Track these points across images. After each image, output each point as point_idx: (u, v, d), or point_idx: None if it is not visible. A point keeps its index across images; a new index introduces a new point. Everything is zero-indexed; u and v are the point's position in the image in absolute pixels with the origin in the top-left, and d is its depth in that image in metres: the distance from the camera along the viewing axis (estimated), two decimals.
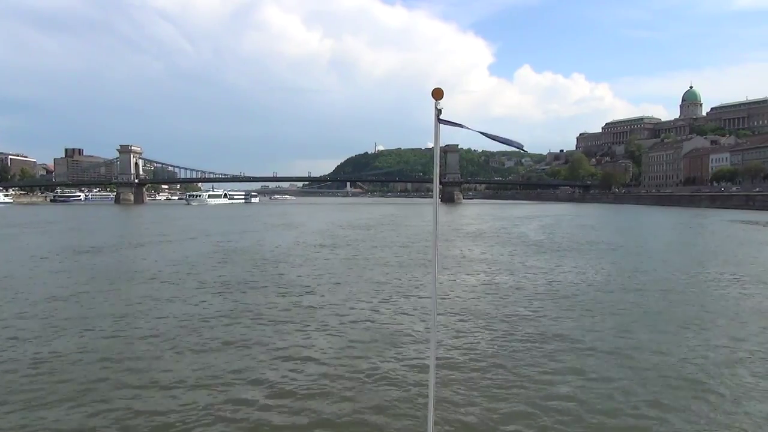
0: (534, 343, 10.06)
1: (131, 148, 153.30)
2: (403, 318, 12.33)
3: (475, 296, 14.82)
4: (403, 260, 22.91)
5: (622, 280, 17.57)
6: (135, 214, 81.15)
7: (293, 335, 10.77)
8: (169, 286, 16.36)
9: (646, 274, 18.80)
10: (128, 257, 24.25)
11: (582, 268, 20.26)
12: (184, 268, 20.30)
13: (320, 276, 18.48)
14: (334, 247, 29.06)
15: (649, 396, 7.48)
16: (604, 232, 40.74)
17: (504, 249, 27.64)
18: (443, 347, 9.64)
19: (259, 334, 10.74)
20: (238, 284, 16.58)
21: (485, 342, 10.28)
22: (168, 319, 11.91)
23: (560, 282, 17.17)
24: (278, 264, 21.67)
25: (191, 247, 28.69)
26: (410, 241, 32.52)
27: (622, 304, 13.69)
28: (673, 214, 70.97)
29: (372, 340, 10.37)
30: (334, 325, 11.62)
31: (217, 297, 14.56)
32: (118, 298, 14.48)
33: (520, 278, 17.89)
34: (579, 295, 14.92)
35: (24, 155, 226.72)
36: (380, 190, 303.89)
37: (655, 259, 23.43)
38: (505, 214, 74.02)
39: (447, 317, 12.09)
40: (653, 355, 9.37)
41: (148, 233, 40.05)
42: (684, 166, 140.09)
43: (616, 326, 11.42)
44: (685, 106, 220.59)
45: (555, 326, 11.36)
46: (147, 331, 10.85)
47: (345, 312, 12.82)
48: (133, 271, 19.69)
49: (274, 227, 47.27)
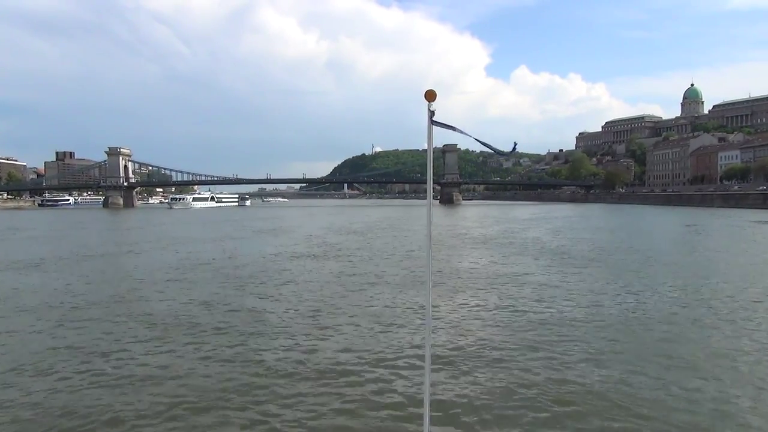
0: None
1: (120, 150, 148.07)
2: (398, 383, 7.94)
3: (504, 332, 10.43)
4: (400, 277, 18.54)
5: (701, 311, 13.21)
6: (118, 219, 76.49)
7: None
8: (80, 320, 11.92)
9: (720, 300, 14.44)
10: (60, 276, 19.64)
11: (634, 288, 15.87)
12: (122, 290, 15.90)
13: (295, 303, 14.09)
14: (321, 257, 24.68)
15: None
16: (627, 236, 36.45)
17: (522, 260, 23.27)
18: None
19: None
20: (177, 319, 12.17)
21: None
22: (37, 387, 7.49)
23: (630, 315, 12.81)
24: (247, 284, 17.27)
25: (152, 260, 24.27)
26: (409, 249, 28.11)
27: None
28: (688, 214, 66.69)
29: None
30: (300, 392, 7.27)
31: (135, 345, 10.14)
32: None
33: (562, 306, 13.51)
34: (678, 340, 10.55)
35: (13, 159, 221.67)
36: (378, 192, 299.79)
37: (713, 274, 19.10)
38: (508, 216, 69.76)
39: (469, 380, 7.70)
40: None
41: (115, 242, 35.56)
42: (691, 164, 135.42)
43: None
44: (686, 104, 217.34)
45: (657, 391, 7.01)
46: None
47: (317, 371, 8.43)
48: (49, 296, 15.20)
49: (261, 233, 42.87)
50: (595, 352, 9.56)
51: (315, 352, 9.67)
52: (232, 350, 9.77)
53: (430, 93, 3.31)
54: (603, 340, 10.29)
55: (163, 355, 9.52)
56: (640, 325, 11.51)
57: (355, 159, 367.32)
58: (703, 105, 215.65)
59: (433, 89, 3.30)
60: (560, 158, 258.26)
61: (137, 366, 8.84)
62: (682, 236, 37.24)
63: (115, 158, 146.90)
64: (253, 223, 58.85)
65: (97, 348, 9.93)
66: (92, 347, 9.97)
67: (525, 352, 9.45)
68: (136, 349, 9.85)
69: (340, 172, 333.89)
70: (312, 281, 17.84)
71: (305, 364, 8.90)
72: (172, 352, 9.71)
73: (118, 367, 8.80)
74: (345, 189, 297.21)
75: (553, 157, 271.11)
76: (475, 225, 51.10)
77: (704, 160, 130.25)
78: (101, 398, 7.44)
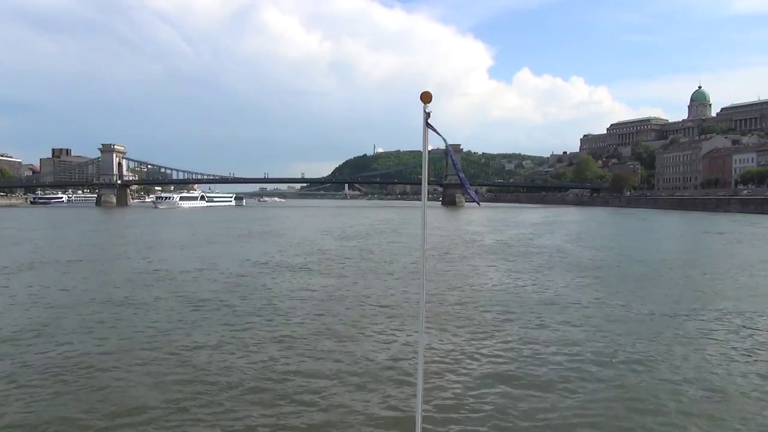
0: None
1: (114, 146, 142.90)
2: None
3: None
4: (399, 306, 14.15)
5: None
6: (103, 218, 72.03)
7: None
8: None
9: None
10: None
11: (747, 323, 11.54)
12: (44, 318, 11.60)
13: (254, 347, 9.78)
14: (306, 271, 20.36)
15: None
16: (659, 245, 32.15)
17: (553, 277, 18.87)
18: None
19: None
20: (87, 361, 7.86)
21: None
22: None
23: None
24: (203, 307, 12.98)
25: (106, 271, 19.97)
26: (412, 261, 23.58)
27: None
28: (708, 220, 62.31)
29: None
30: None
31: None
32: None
33: (658, 366, 9.17)
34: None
35: (8, 155, 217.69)
36: (379, 193, 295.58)
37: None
38: (517, 220, 65.45)
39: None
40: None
41: (77, 245, 31.09)
42: (703, 167, 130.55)
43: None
44: (693, 107, 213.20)
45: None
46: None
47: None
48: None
49: (248, 237, 38.52)
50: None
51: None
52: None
53: (425, 95, 3.32)
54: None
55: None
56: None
57: (357, 159, 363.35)
58: (710, 108, 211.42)
59: (428, 91, 3.31)
60: (564, 161, 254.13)
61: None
62: (722, 246, 32.75)
63: (109, 155, 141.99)
64: (242, 224, 54.48)
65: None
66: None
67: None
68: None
69: (342, 172, 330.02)
70: (285, 311, 13.50)
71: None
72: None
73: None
74: (346, 189, 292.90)
75: (557, 159, 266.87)
76: (484, 230, 46.75)
77: (717, 163, 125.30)
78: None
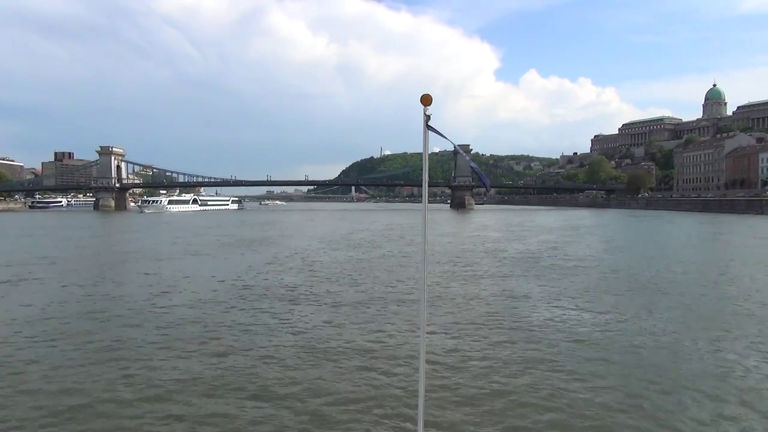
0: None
1: (112, 149, 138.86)
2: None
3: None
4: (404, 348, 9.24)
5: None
6: (89, 224, 67.58)
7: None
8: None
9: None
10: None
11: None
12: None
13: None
14: (288, 302, 15.50)
15: None
16: (714, 255, 27.10)
17: (621, 305, 13.85)
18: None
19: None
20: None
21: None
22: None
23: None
24: (153, 356, 8.21)
25: (37, 295, 15.25)
26: (421, 281, 18.73)
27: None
28: (746, 224, 56.96)
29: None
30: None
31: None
32: None
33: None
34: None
35: (10, 159, 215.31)
36: (386, 195, 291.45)
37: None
38: (534, 224, 60.32)
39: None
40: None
41: (24, 258, 26.36)
42: (726, 166, 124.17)
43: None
44: (708, 106, 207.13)
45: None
46: None
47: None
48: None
49: (238, 246, 33.76)
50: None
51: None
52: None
53: (425, 97, 3.38)
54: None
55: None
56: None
57: (364, 162, 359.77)
58: (726, 106, 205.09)
59: (428, 94, 3.37)
60: (575, 161, 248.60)
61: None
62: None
63: (107, 158, 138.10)
64: (235, 230, 49.76)
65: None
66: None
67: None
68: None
69: (349, 174, 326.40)
70: (270, 347, 8.67)
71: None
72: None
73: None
74: (352, 192, 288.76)
75: (567, 160, 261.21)
76: (501, 236, 41.70)
77: (742, 162, 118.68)
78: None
